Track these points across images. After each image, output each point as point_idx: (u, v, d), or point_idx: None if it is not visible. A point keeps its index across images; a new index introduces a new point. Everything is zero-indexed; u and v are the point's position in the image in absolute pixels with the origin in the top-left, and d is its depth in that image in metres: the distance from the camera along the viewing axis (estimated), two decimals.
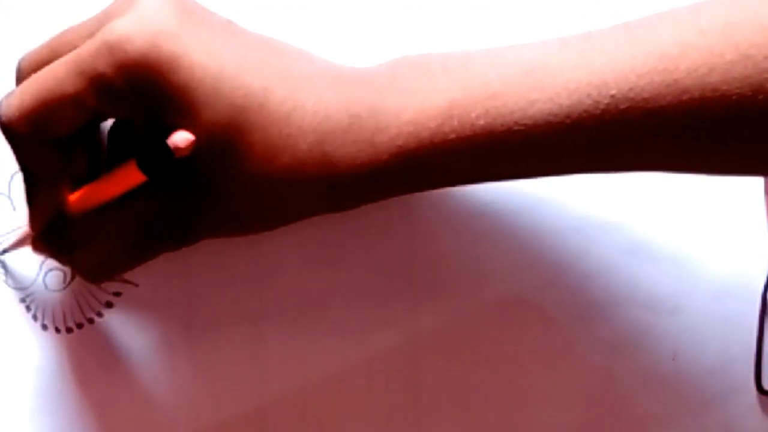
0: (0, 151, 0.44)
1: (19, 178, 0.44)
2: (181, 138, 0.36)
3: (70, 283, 0.45)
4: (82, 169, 0.40)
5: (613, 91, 0.36)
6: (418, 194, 0.41)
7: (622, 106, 0.36)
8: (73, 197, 0.40)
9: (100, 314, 0.45)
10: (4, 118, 0.38)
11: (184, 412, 0.45)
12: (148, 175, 0.38)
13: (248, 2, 0.45)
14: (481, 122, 0.37)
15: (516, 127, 0.37)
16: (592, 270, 0.46)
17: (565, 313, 0.46)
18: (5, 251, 0.44)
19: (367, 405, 0.45)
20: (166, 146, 0.36)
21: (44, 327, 0.45)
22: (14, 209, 0.45)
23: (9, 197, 0.45)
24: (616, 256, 0.46)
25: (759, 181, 0.46)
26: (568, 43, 0.38)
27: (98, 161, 0.41)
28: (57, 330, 0.45)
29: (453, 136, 0.37)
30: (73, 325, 0.45)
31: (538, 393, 0.46)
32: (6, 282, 0.45)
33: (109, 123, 0.41)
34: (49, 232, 0.41)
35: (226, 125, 0.37)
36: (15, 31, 0.45)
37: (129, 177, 0.38)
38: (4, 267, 0.45)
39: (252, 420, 0.45)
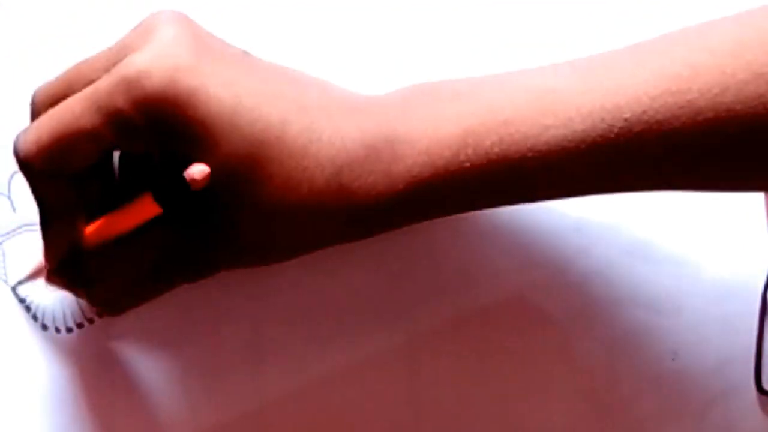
0: (0, 151, 0.44)
1: (19, 177, 0.44)
2: (197, 170, 0.36)
3: None
4: (96, 201, 0.40)
5: (627, 114, 0.36)
6: None
7: (636, 129, 0.36)
8: (89, 230, 0.40)
9: (100, 314, 0.45)
10: (21, 154, 0.38)
11: (184, 412, 0.45)
12: (164, 208, 0.38)
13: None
14: (496, 150, 0.37)
15: (530, 154, 0.37)
16: (592, 270, 0.46)
17: (565, 313, 0.46)
18: (20, 283, 0.44)
19: (367, 405, 0.45)
20: (182, 179, 0.36)
21: (44, 327, 0.45)
22: (14, 210, 0.45)
23: (9, 197, 0.45)
24: (616, 256, 0.46)
25: None
26: (578, 67, 0.38)
27: (111, 192, 0.41)
28: (57, 330, 0.45)
29: (468, 164, 0.37)
30: (73, 325, 0.45)
31: (538, 393, 0.46)
32: (6, 281, 0.45)
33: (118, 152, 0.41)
34: (64, 265, 0.40)
35: (243, 158, 0.37)
36: (15, 31, 0.45)
37: (144, 209, 0.38)
38: (20, 300, 0.45)
39: (252, 420, 0.45)
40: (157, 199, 0.38)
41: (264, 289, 0.45)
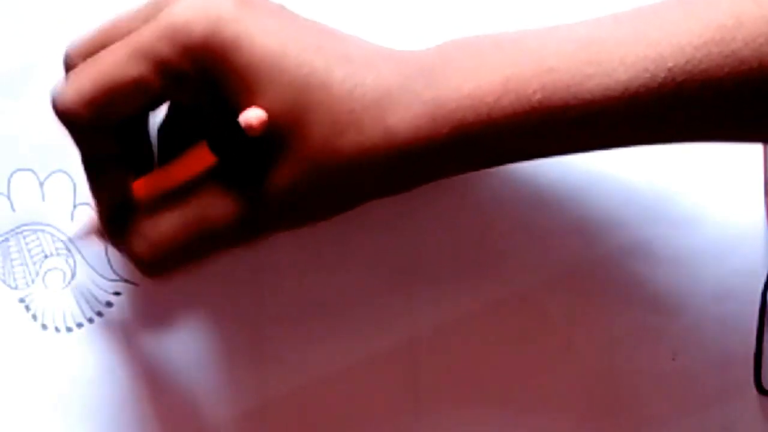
0: (0, 149, 0.44)
1: (19, 177, 0.44)
2: (253, 116, 0.36)
3: (70, 282, 0.45)
4: (140, 156, 0.40)
5: (670, 64, 0.36)
6: (417, 194, 0.40)
7: (679, 79, 0.36)
8: (138, 184, 0.39)
9: (100, 314, 0.45)
10: (61, 106, 0.38)
11: (183, 411, 0.45)
12: (220, 156, 0.37)
13: None
14: (538, 96, 0.37)
15: (573, 102, 0.37)
16: (592, 270, 0.46)
17: (566, 312, 0.46)
18: (73, 239, 0.44)
19: (367, 405, 0.45)
20: (237, 125, 0.36)
21: (44, 327, 0.45)
22: (14, 210, 0.45)
23: (8, 197, 0.44)
24: (616, 256, 0.46)
25: (759, 181, 0.46)
26: (621, 19, 0.38)
27: (151, 148, 0.41)
28: (57, 329, 0.45)
29: (510, 110, 0.37)
30: (73, 324, 0.45)
31: (538, 393, 0.46)
32: (4, 281, 0.45)
33: (159, 116, 0.41)
34: (112, 220, 0.40)
35: (290, 104, 0.37)
36: (15, 28, 0.45)
37: (199, 160, 0.38)
38: (71, 252, 0.44)
39: (252, 420, 0.45)
40: (213, 148, 0.37)
41: (264, 288, 0.45)
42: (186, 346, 0.45)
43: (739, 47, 0.36)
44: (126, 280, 0.45)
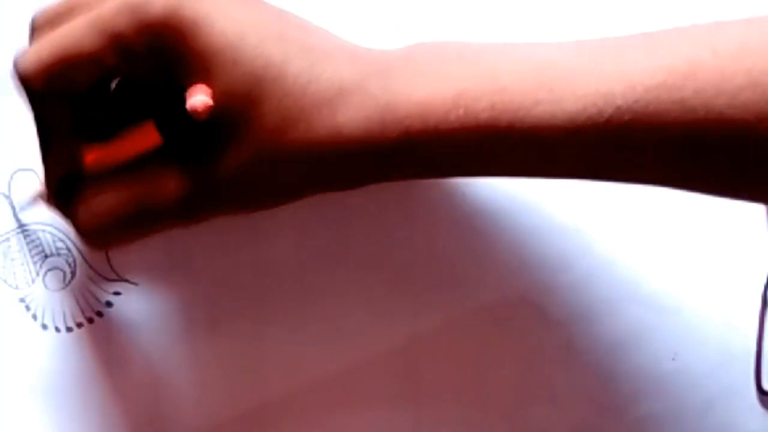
0: (0, 150, 0.44)
1: (19, 177, 0.44)
2: (200, 100, 0.36)
3: (70, 282, 0.45)
4: (95, 127, 0.40)
5: (619, 102, 0.36)
6: (418, 193, 0.41)
7: (625, 118, 0.36)
8: (89, 157, 0.39)
9: (100, 313, 0.45)
10: (19, 71, 0.38)
11: (183, 411, 0.45)
12: (165, 137, 0.38)
13: None
14: (486, 115, 0.37)
15: (518, 125, 0.37)
16: (592, 269, 0.46)
17: (566, 312, 0.46)
18: (22, 208, 0.44)
19: (367, 405, 0.45)
20: (184, 110, 0.36)
21: (44, 326, 0.45)
22: (14, 210, 0.45)
23: (8, 197, 0.44)
24: (616, 256, 0.46)
25: None
26: (583, 48, 0.38)
27: (110, 120, 0.40)
28: (57, 329, 0.45)
29: (457, 125, 0.37)
30: (73, 324, 0.45)
31: (538, 393, 0.46)
32: (5, 281, 0.45)
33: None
34: (61, 190, 0.40)
35: (241, 94, 0.37)
36: (15, 28, 0.45)
37: (145, 138, 0.38)
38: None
39: (252, 420, 0.45)
40: (159, 128, 0.38)
41: (264, 288, 0.45)
42: (186, 346, 0.45)
43: (688, 96, 0.36)
44: (126, 280, 0.45)
